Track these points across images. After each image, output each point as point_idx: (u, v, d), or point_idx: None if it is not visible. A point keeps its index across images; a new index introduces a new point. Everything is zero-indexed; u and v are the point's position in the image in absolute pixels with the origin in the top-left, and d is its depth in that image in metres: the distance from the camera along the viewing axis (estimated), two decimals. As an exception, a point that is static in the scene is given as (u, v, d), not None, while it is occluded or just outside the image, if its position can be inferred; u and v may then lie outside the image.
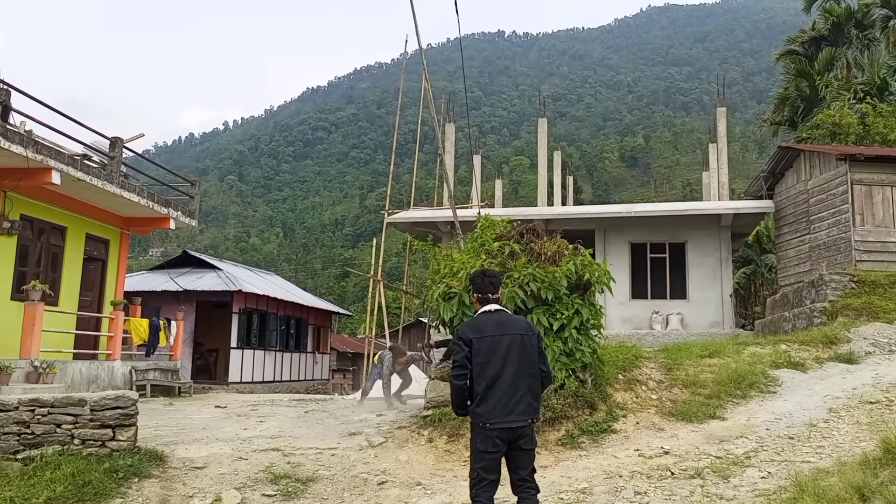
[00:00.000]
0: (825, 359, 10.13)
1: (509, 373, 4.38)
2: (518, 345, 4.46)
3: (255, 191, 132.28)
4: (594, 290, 8.39)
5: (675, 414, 8.05)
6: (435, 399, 8.27)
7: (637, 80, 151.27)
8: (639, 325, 18.78)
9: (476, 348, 4.41)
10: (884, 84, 24.84)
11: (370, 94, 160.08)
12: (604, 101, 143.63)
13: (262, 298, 25.01)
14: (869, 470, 5.47)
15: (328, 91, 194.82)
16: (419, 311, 37.18)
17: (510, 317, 4.70)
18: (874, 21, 27.93)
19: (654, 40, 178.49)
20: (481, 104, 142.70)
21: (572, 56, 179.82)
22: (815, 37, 28.55)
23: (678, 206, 20.58)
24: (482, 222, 8.91)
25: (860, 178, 15.39)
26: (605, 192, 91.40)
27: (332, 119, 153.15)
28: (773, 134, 29.44)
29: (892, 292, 12.99)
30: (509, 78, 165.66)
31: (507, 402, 4.34)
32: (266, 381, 25.43)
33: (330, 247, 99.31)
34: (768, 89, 46.59)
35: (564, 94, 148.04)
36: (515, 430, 4.35)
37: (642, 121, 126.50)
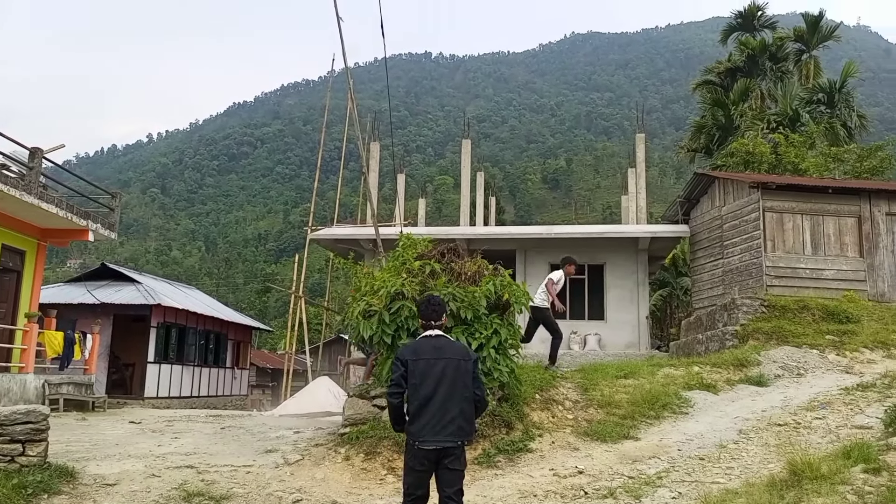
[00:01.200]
0: (736, 381, 10.42)
1: (442, 395, 4.58)
2: (453, 369, 4.66)
3: (178, 204, 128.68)
4: (513, 310, 8.41)
5: (590, 434, 8.10)
6: (353, 417, 8.11)
7: (560, 105, 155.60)
8: (558, 345, 19.00)
9: (411, 370, 4.64)
10: (796, 115, 26.31)
11: (297, 111, 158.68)
12: (527, 123, 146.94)
13: (182, 312, 24.43)
14: (775, 491, 5.59)
15: (254, 106, 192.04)
16: (340, 327, 36.67)
17: (449, 342, 4.91)
18: (787, 54, 29.68)
19: (577, 66, 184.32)
20: (407, 123, 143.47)
21: (497, 79, 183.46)
22: (731, 68, 30.06)
23: (597, 229, 21.12)
24: (404, 241, 8.82)
25: (772, 206, 16.08)
26: (527, 213, 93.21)
27: (258, 134, 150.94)
28: (690, 160, 30.69)
29: (800, 317, 13.53)
30: (435, 98, 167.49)
31: (436, 422, 4.54)
32: (183, 396, 24.87)
33: (252, 262, 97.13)
34: (686, 117, 48.79)
35: (489, 115, 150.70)
36: (442, 451, 4.53)
37: (564, 144, 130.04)
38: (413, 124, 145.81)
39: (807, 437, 7.52)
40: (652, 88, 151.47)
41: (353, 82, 13.28)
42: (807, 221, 15.99)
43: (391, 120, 19.12)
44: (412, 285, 7.90)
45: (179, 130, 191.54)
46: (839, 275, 15.66)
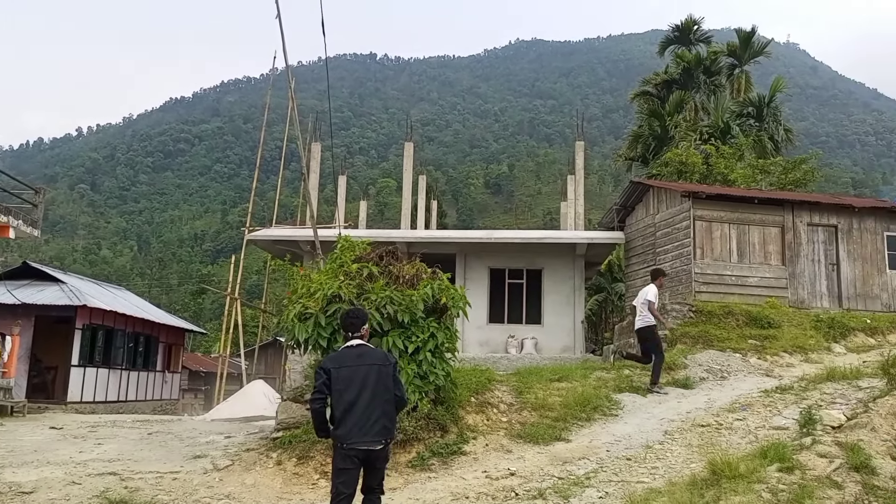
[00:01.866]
0: (664, 383, 10.76)
1: (365, 399, 4.93)
2: (375, 374, 5.03)
3: (109, 201, 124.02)
4: (451, 313, 8.47)
5: (523, 436, 8.25)
6: (286, 421, 8.03)
7: (504, 110, 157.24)
8: (495, 349, 19.22)
9: (334, 377, 4.98)
10: (727, 127, 27.35)
11: (237, 108, 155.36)
12: (471, 128, 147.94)
13: (109, 314, 23.53)
14: (696, 490, 5.83)
15: (192, 102, 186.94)
16: (277, 330, 36.13)
17: (370, 349, 5.31)
18: (721, 68, 30.80)
19: (521, 73, 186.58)
20: (351, 125, 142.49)
21: (442, 82, 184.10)
22: (667, 80, 30.99)
23: (536, 235, 21.42)
24: (342, 244, 8.79)
25: (702, 215, 16.67)
26: (469, 218, 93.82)
27: (196, 131, 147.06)
28: (628, 169, 31.49)
29: (725, 322, 14.11)
30: (380, 100, 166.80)
31: (362, 425, 4.89)
32: (110, 401, 23.94)
33: (188, 262, 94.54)
34: (625, 126, 50.23)
35: (433, 119, 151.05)
36: (371, 452, 4.92)
37: (507, 149, 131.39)
38: (357, 126, 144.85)
39: (728, 437, 7.84)
40: (593, 97, 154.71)
41: (294, 81, 13.13)
42: (734, 230, 16.65)
43: (331, 121, 18.87)
44: (349, 288, 7.88)
45: (112, 125, 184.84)
46: (763, 282, 16.36)
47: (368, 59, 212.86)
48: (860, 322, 14.80)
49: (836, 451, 6.44)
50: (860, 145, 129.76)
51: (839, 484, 5.89)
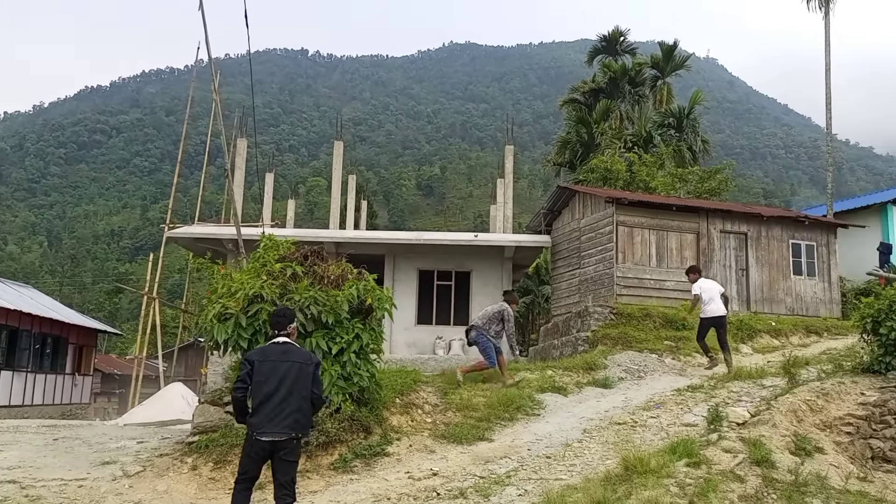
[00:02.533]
0: (584, 383, 11.09)
1: (283, 392, 5.20)
2: (296, 371, 5.31)
3: (17, 194, 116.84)
4: (376, 314, 8.45)
5: (447, 436, 8.32)
6: (203, 424, 7.81)
7: (437, 112, 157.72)
8: (423, 350, 19.29)
9: (257, 369, 5.28)
10: (649, 137, 28.38)
11: (159, 100, 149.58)
12: (404, 129, 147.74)
13: (14, 313, 22.39)
14: (609, 486, 6.05)
15: (110, 92, 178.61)
16: (197, 331, 35.08)
17: (295, 348, 5.60)
18: (645, 79, 31.93)
19: (454, 75, 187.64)
20: (280, 122, 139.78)
21: (375, 82, 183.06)
22: (594, 88, 31.89)
23: (465, 237, 21.59)
24: (265, 242, 8.64)
25: (624, 220, 17.21)
26: (400, 219, 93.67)
27: (114, 122, 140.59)
28: (556, 174, 32.22)
29: (644, 324, 14.65)
30: (311, 98, 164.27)
31: (274, 416, 5.15)
32: (14, 405, 22.81)
33: (103, 260, 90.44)
34: (554, 132, 51.26)
35: (366, 118, 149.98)
36: (278, 443, 5.15)
37: (440, 151, 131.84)
38: (287, 123, 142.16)
39: (642, 434, 8.14)
40: (524, 102, 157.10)
41: (219, 74, 12.83)
42: (653, 236, 17.28)
43: (254, 117, 18.53)
44: (272, 288, 7.76)
45: (20, 113, 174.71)
46: (679, 286, 16.99)
47: (300, 54, 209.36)
48: (766, 324, 15.65)
49: (740, 446, 6.82)
50: (771, 157, 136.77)
51: (741, 478, 6.23)
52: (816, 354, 12.13)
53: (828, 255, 18.85)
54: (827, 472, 6.69)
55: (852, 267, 20.20)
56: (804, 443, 7.23)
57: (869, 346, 9.45)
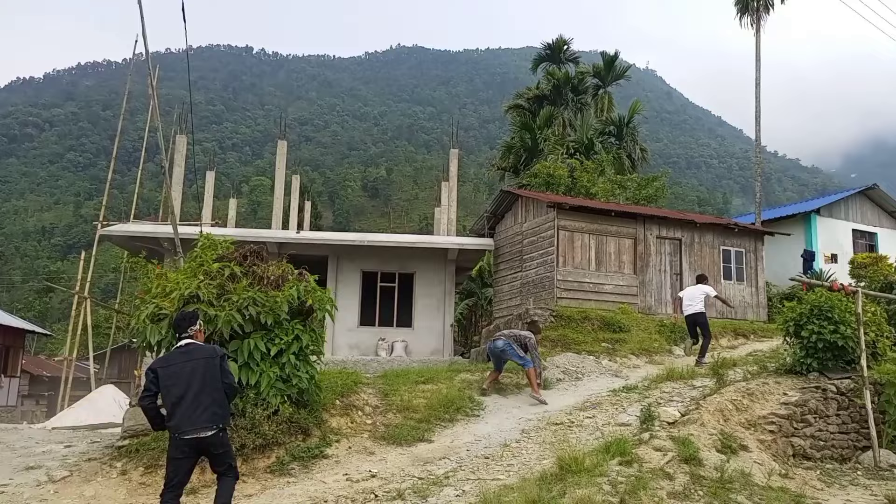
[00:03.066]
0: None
1: (193, 391, 5.33)
2: (202, 367, 5.44)
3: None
4: (317, 316, 8.39)
5: (386, 438, 8.32)
6: (133, 428, 7.59)
7: (383, 114, 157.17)
8: (365, 352, 19.22)
9: (161, 375, 5.42)
10: (590, 144, 28.99)
11: (95, 94, 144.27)
12: (350, 130, 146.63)
13: (-70, 314, 21.10)
14: (545, 485, 6.14)
15: (43, 84, 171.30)
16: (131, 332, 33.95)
17: (198, 346, 5.68)
18: (587, 88, 32.61)
19: (401, 78, 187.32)
20: (224, 119, 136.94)
21: (321, 82, 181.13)
22: (538, 95, 32.40)
23: (409, 239, 21.62)
24: (203, 242, 8.47)
25: (565, 225, 17.55)
26: (345, 220, 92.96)
27: (47, 115, 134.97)
28: (501, 178, 32.53)
29: (582, 326, 14.95)
30: (255, 96, 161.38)
31: (190, 415, 5.28)
32: (-70, 411, 21.42)
33: (33, 257, 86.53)
34: (499, 137, 51.74)
35: (311, 119, 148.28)
36: (203, 440, 5.29)
37: (386, 153, 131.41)
38: (230, 120, 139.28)
39: (578, 434, 8.32)
40: (471, 107, 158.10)
41: (158, 69, 12.54)
42: (593, 240, 17.68)
43: (192, 113, 18.08)
44: (209, 288, 7.61)
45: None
46: (616, 289, 17.49)
47: (244, 52, 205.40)
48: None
49: (670, 444, 7.03)
50: (705, 167, 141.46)
51: (671, 475, 6.43)
52: (743, 356, 12.63)
53: (755, 261, 19.64)
54: (751, 469, 6.97)
55: (777, 273, 21.13)
56: (730, 441, 7.53)
57: (791, 349, 9.90)
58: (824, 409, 8.93)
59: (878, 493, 7.21)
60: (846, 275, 20.81)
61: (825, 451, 8.65)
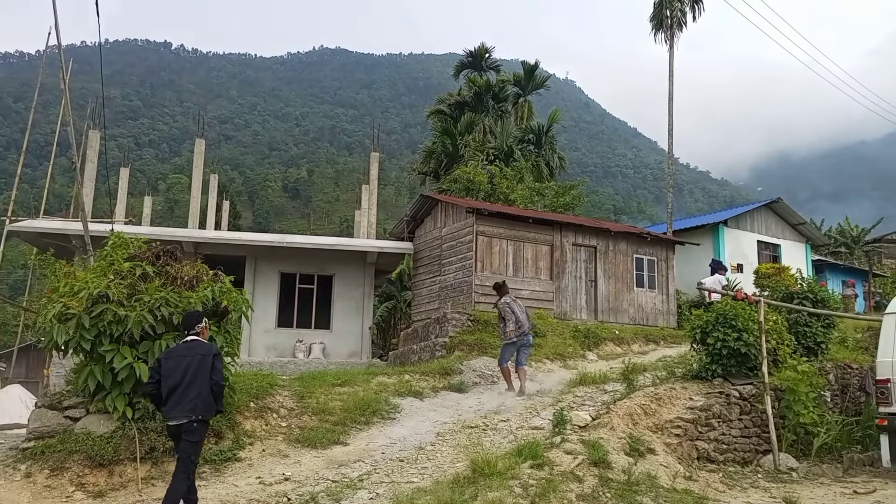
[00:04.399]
0: (440, 388, 11.35)
1: (185, 383, 5.99)
2: (197, 363, 6.11)
3: None
4: (232, 317, 8.25)
5: (301, 441, 8.25)
6: (39, 429, 7.27)
7: (305, 115, 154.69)
8: (283, 353, 18.93)
9: (164, 366, 6.12)
10: (510, 151, 29.54)
11: (6, 85, 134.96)
12: (271, 130, 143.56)
13: None
14: (458, 488, 6.23)
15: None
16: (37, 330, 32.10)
17: (199, 343, 6.39)
18: (508, 96, 33.23)
19: (324, 80, 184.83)
20: (140, 115, 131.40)
21: (243, 81, 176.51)
22: (460, 101, 32.78)
23: (328, 241, 21.44)
24: (113, 240, 8.20)
25: (483, 230, 17.81)
26: (265, 220, 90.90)
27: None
28: (422, 182, 32.73)
29: (499, 331, 15.14)
30: (174, 92, 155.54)
31: (177, 404, 5.95)
32: None
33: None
34: (421, 141, 51.89)
35: (232, 117, 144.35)
36: (179, 426, 5.92)
37: (307, 154, 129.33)
38: (147, 116, 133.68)
39: (492, 437, 8.45)
40: (393, 111, 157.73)
41: (72, 62, 12.00)
42: (511, 246, 18.04)
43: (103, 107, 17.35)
44: (119, 288, 7.38)
45: None
46: (534, 294, 17.90)
47: (163, 47, 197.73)
48: (610, 333, 16.74)
49: (581, 448, 7.23)
50: (621, 176, 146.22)
51: (580, 478, 6.63)
52: (654, 361, 13.02)
53: (667, 269, 20.50)
54: (657, 471, 7.26)
55: (687, 281, 22.03)
56: (638, 444, 7.78)
57: (698, 355, 10.25)
58: (727, 414, 9.23)
59: (776, 495, 7.54)
60: (751, 284, 21.86)
61: (728, 455, 8.98)
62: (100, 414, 7.30)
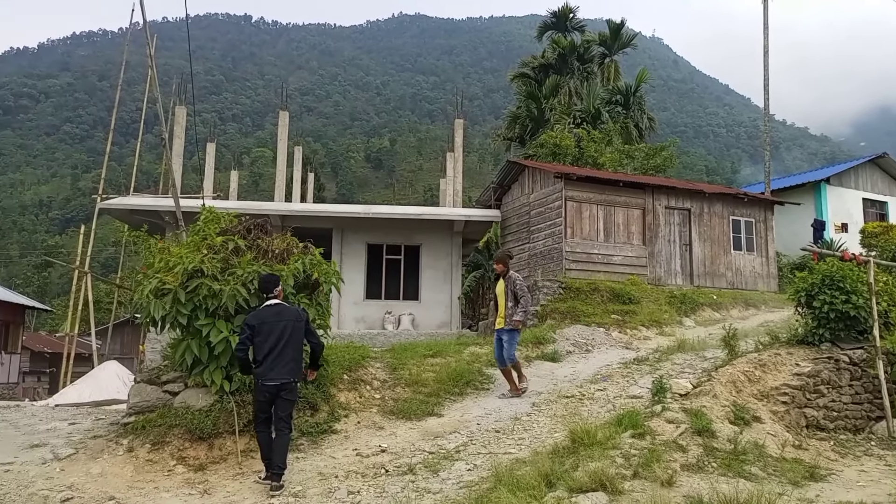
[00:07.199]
0: (534, 357, 11.10)
1: (280, 348, 6.32)
2: (290, 329, 6.43)
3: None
4: (323, 289, 8.23)
5: (396, 412, 8.21)
6: (139, 404, 7.46)
7: (386, 84, 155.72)
8: (372, 325, 19.13)
9: (257, 330, 6.36)
10: (597, 113, 28.56)
11: (91, 64, 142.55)
12: (352, 100, 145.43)
13: (-68, 289, 20.99)
14: (557, 458, 6.06)
15: (37, 54, 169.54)
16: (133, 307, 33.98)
17: (286, 307, 6.66)
18: (593, 56, 32.04)
19: (404, 47, 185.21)
20: (223, 89, 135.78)
21: (322, 52, 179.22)
22: (544, 64, 31.83)
23: (414, 210, 21.41)
24: (205, 215, 8.30)
25: (572, 196, 17.30)
26: (349, 192, 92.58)
27: (42, 87, 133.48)
28: (507, 148, 32.17)
29: (591, 298, 14.79)
30: (255, 66, 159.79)
31: (275, 366, 6.28)
32: (-68, 386, 21.44)
33: (31, 232, 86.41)
34: (505, 106, 51.17)
35: (313, 89, 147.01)
36: (279, 386, 6.29)
37: (389, 124, 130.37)
38: (230, 91, 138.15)
39: (589, 407, 8.20)
40: (475, 76, 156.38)
41: (156, 38, 12.22)
42: (601, 211, 17.45)
43: (193, 83, 17.74)
44: (213, 262, 7.43)
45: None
46: (626, 260, 17.30)
47: (243, 20, 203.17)
48: (707, 298, 16.03)
49: (683, 417, 6.91)
50: (713, 136, 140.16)
51: (684, 447, 6.32)
52: (755, 327, 12.45)
53: (765, 230, 19.40)
54: (764, 440, 6.86)
55: (788, 242, 20.90)
56: (743, 412, 7.41)
57: (803, 319, 9.71)
58: (837, 380, 8.79)
59: (892, 463, 7.13)
60: (857, 244, 20.58)
61: (838, 422, 8.53)
62: (198, 388, 7.41)
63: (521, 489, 5.25)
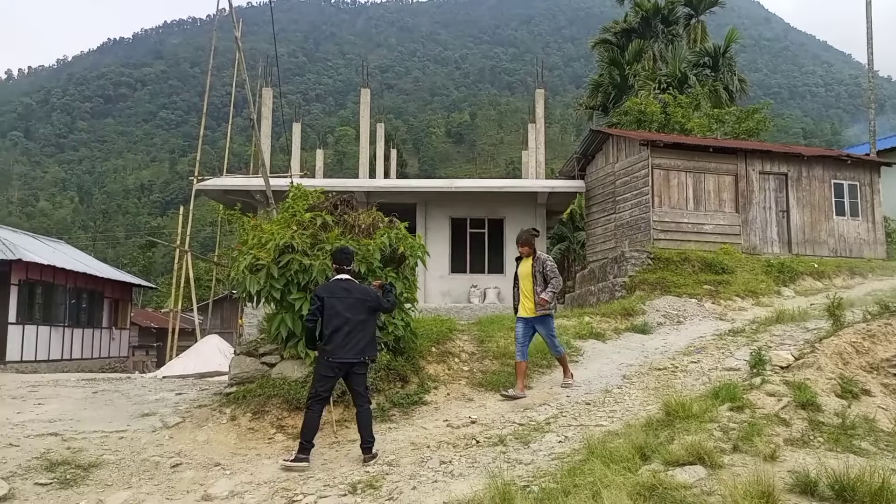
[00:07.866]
0: (623, 329, 10.89)
1: (350, 325, 6.20)
2: (359, 305, 6.31)
3: (45, 150, 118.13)
4: (409, 263, 8.31)
5: (484, 384, 8.24)
6: (240, 375, 7.82)
7: (464, 58, 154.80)
8: (457, 299, 19.25)
9: (327, 304, 6.23)
10: (684, 77, 27.40)
11: (182, 51, 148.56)
12: (431, 75, 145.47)
13: (48, 269, 22.72)
14: (651, 431, 5.90)
15: (133, 44, 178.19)
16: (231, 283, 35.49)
17: (355, 284, 6.52)
18: (678, 18, 30.67)
19: (481, 19, 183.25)
20: (306, 70, 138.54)
21: (401, 28, 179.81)
22: (626, 28, 30.75)
23: (497, 183, 21.30)
24: (294, 192, 8.52)
25: (659, 164, 16.74)
26: (431, 167, 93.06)
27: (138, 75, 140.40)
28: (589, 118, 31.42)
29: (682, 268, 14.32)
30: (336, 45, 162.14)
31: (345, 344, 6.17)
32: (53, 359, 23.34)
33: (135, 214, 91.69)
34: (586, 75, 49.89)
35: (392, 66, 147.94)
36: (349, 364, 6.22)
37: (469, 98, 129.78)
38: (312, 72, 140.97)
39: (683, 379, 7.96)
40: (554, 45, 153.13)
41: (241, 23, 12.54)
42: (690, 178, 16.79)
43: (278, 66, 18.18)
44: (303, 238, 7.64)
45: (45, 67, 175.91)
46: (717, 229, 16.63)
47: (323, 1, 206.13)
48: (808, 266, 15.20)
49: (784, 389, 6.59)
50: (810, 96, 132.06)
51: (787, 421, 6.03)
52: (861, 296, 11.70)
53: (871, 194, 18.19)
54: (875, 414, 6.46)
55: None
56: (850, 385, 6.98)
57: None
58: None
59: None
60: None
61: None
62: (293, 360, 7.66)
63: (615, 461, 5.14)
